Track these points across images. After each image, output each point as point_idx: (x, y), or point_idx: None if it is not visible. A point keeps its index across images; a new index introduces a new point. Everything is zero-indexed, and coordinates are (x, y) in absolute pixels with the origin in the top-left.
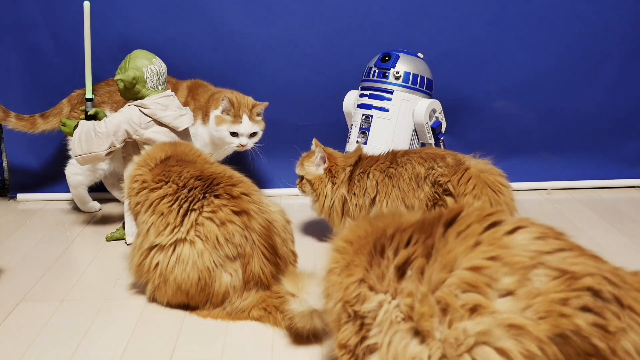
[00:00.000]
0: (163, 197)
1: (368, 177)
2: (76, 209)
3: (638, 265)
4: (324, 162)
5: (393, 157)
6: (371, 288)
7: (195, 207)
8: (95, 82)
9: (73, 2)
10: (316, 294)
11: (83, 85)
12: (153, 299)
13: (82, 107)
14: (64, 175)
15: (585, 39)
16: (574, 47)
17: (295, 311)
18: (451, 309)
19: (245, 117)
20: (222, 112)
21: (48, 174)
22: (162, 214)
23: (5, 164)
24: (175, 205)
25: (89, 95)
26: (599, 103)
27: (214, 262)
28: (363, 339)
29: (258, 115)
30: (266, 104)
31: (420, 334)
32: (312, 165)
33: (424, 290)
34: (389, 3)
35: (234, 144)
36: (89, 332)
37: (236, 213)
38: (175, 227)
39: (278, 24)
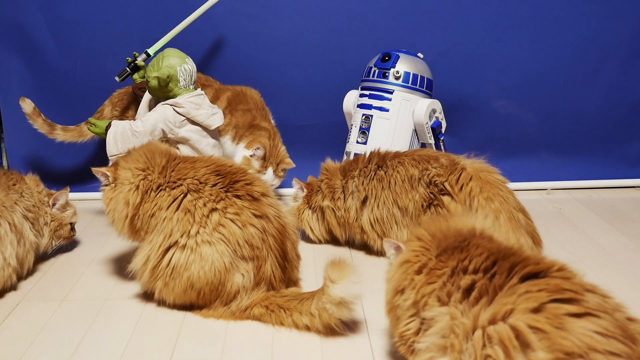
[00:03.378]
0: (186, 194)
1: (353, 180)
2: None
3: (638, 265)
4: (303, 191)
5: (381, 160)
6: (439, 299)
7: (219, 206)
8: (89, 91)
9: (73, 2)
10: (356, 285)
11: (85, 86)
12: (159, 299)
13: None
14: (64, 174)
15: (585, 39)
16: (574, 47)
17: (334, 296)
18: (477, 355)
19: (269, 170)
20: (251, 156)
21: (48, 173)
22: (188, 211)
23: (5, 163)
24: (200, 203)
25: (152, 51)
26: (599, 103)
27: (231, 262)
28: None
29: (283, 171)
30: (293, 165)
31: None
32: (295, 202)
33: (465, 323)
34: (389, 3)
35: None
36: (89, 332)
37: (257, 216)
38: (200, 228)
39: (278, 24)
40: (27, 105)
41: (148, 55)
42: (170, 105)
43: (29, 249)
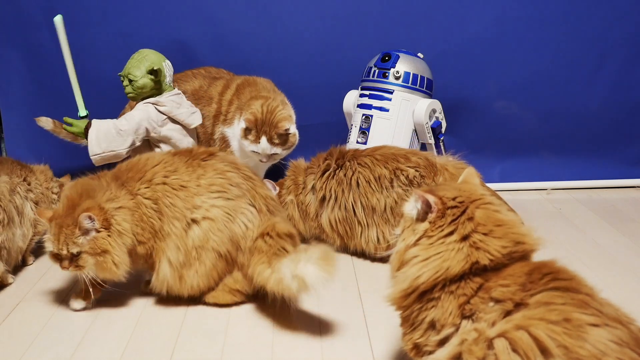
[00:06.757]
0: (166, 181)
1: (311, 175)
2: None
3: (638, 265)
4: (275, 190)
5: (340, 160)
6: (462, 315)
7: (198, 173)
8: (88, 91)
9: (74, 3)
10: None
11: (85, 87)
12: (200, 293)
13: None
14: (64, 174)
15: (585, 39)
16: (574, 47)
17: (301, 274)
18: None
19: (263, 139)
20: (245, 128)
21: None
22: (183, 187)
23: None
24: (185, 177)
25: (82, 113)
26: (599, 103)
27: (234, 209)
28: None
29: (280, 137)
30: (286, 127)
31: None
32: None
33: (489, 333)
34: (389, 3)
35: (255, 157)
36: (89, 332)
37: (226, 164)
38: (197, 196)
39: (278, 24)
40: (45, 122)
41: (85, 117)
42: (152, 103)
43: (29, 227)
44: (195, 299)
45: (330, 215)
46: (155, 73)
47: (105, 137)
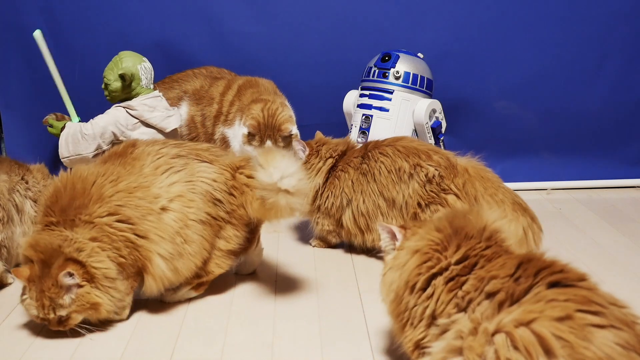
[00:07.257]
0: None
1: (346, 174)
2: None
3: (638, 265)
4: (305, 150)
5: (364, 151)
6: (457, 305)
7: (134, 170)
8: (88, 92)
9: (73, 3)
10: (282, 170)
11: (84, 85)
12: (198, 270)
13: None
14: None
15: (585, 39)
16: (574, 47)
17: (259, 180)
18: (500, 358)
19: (268, 143)
20: (248, 134)
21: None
22: (137, 187)
23: None
24: (127, 180)
25: (75, 120)
26: (600, 103)
27: (192, 174)
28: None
29: (284, 139)
30: (290, 130)
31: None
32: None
33: (488, 327)
34: (389, 3)
35: None
36: (89, 332)
37: (156, 143)
38: (151, 188)
39: (278, 24)
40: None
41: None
42: (124, 107)
43: (30, 225)
44: (195, 298)
45: (355, 210)
46: (123, 78)
47: (72, 141)
